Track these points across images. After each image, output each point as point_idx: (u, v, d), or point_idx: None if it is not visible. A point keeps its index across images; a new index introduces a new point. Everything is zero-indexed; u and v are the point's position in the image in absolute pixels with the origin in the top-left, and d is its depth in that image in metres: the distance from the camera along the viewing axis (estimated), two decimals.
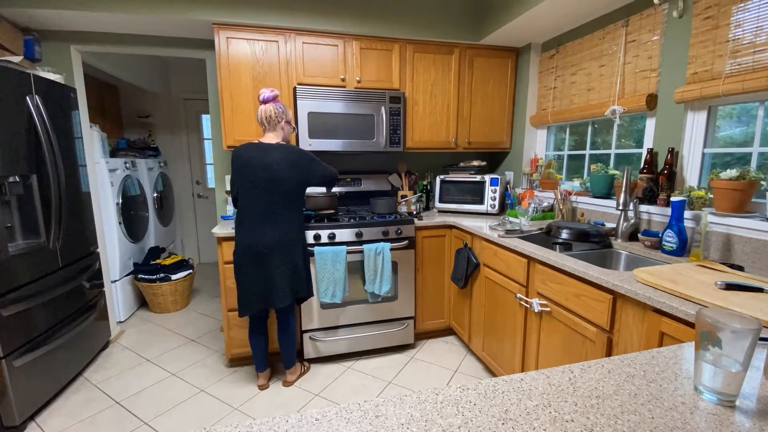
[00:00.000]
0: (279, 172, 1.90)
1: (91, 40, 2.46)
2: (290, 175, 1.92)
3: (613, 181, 2.12)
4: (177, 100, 4.37)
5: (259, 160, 1.89)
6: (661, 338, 1.16)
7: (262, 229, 1.91)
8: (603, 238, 1.87)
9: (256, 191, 1.90)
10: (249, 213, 1.91)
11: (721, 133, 1.68)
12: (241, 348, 2.32)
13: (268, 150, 1.92)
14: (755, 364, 0.74)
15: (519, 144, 2.89)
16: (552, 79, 2.60)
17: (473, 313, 2.38)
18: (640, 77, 1.95)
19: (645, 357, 0.78)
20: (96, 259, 2.54)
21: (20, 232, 1.87)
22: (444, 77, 2.73)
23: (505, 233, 2.09)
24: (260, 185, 1.89)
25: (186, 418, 1.93)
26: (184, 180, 4.55)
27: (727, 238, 1.52)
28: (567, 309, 1.58)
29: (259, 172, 1.89)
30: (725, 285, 1.12)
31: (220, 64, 2.32)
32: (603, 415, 0.60)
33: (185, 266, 3.36)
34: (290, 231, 1.96)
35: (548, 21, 2.32)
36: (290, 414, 0.59)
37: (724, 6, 1.54)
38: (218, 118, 2.70)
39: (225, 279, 2.23)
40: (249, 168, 1.89)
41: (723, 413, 0.60)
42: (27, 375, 1.86)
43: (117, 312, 3.01)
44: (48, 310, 2.03)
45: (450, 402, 0.63)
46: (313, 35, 2.43)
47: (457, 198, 2.81)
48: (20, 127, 1.88)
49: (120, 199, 3.02)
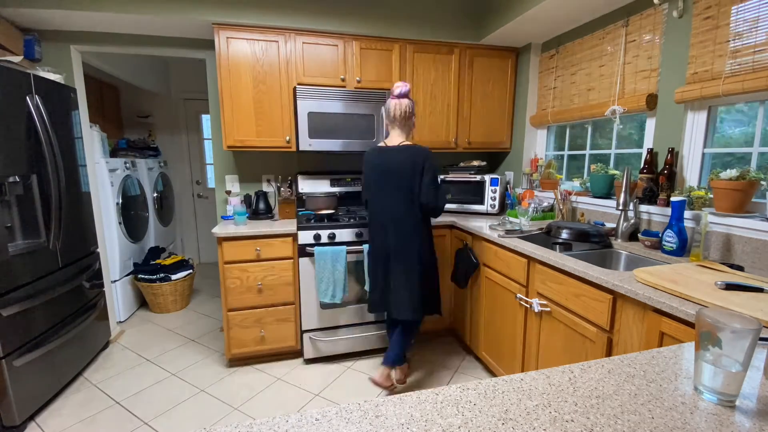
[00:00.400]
0: (404, 170, 1.88)
1: (91, 40, 2.46)
2: (416, 175, 1.89)
3: (613, 181, 2.12)
4: (177, 100, 4.37)
5: (390, 162, 1.90)
6: (661, 338, 1.16)
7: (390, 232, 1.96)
8: (603, 238, 1.87)
9: (383, 194, 1.95)
10: (377, 217, 1.97)
11: (720, 133, 1.68)
12: (241, 348, 2.32)
13: (398, 151, 1.91)
14: (755, 364, 0.74)
15: (519, 144, 2.89)
16: (552, 79, 2.60)
17: (473, 313, 2.38)
18: (640, 77, 1.95)
19: (645, 357, 0.78)
20: (96, 259, 2.54)
21: (20, 232, 1.87)
22: (444, 77, 2.73)
23: (505, 233, 2.09)
24: (387, 188, 1.93)
25: (186, 418, 1.93)
26: (184, 180, 4.55)
27: (727, 238, 1.52)
28: (567, 309, 1.58)
29: (387, 176, 1.92)
30: (725, 285, 1.12)
31: (220, 64, 2.32)
32: (603, 415, 0.60)
33: (185, 266, 3.36)
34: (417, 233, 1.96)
35: (548, 21, 2.32)
36: (290, 414, 0.59)
37: (724, 6, 1.54)
38: (218, 118, 2.70)
39: (225, 279, 2.23)
40: (377, 172, 1.93)
41: (723, 413, 0.60)
42: (27, 375, 1.86)
43: (117, 312, 3.01)
44: (48, 310, 2.03)
45: (450, 402, 0.63)
46: (313, 35, 2.43)
47: (457, 198, 2.81)
48: (20, 127, 1.88)
49: (120, 199, 3.02)
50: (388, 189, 1.92)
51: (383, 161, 1.92)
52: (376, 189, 1.95)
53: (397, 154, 1.90)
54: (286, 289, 2.33)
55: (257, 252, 2.25)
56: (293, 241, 2.30)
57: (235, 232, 2.19)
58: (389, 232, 1.94)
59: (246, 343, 2.32)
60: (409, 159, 1.87)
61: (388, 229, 1.94)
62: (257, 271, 2.27)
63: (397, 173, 1.89)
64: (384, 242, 1.96)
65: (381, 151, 1.95)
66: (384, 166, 1.91)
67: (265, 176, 2.84)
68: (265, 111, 2.43)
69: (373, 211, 1.99)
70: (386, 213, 1.93)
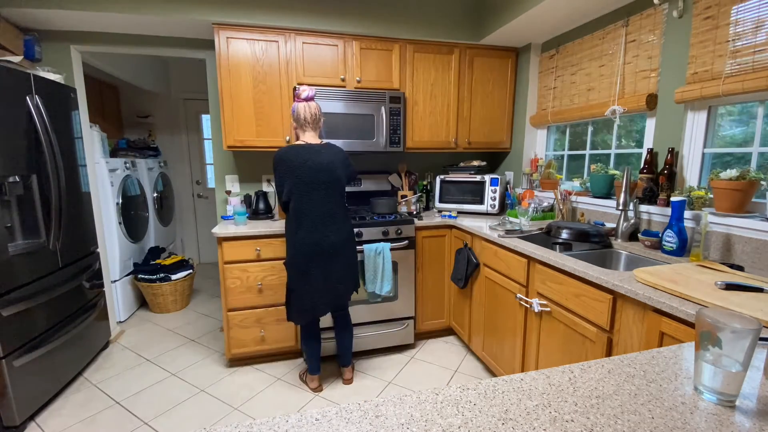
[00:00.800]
0: (335, 171, 1.93)
1: (91, 40, 2.46)
2: (342, 174, 1.97)
3: (613, 181, 2.12)
4: (177, 100, 4.37)
5: (315, 162, 1.90)
6: (661, 338, 1.16)
7: (325, 229, 1.92)
8: (603, 238, 1.87)
9: (316, 193, 1.90)
10: (309, 215, 1.90)
11: (720, 133, 1.68)
12: (241, 348, 2.32)
13: (321, 151, 1.93)
14: (755, 364, 0.74)
15: (519, 144, 2.89)
16: (552, 79, 2.60)
17: (473, 313, 2.38)
18: (640, 77, 1.95)
19: (645, 357, 0.78)
20: (96, 259, 2.54)
21: (20, 232, 1.87)
22: (444, 77, 2.73)
23: (505, 233, 2.09)
24: (320, 187, 1.90)
25: (186, 418, 1.93)
26: (184, 180, 4.55)
27: (727, 238, 1.52)
28: (567, 309, 1.58)
29: (316, 174, 1.89)
30: (725, 285, 1.12)
31: (220, 64, 2.32)
32: (603, 415, 0.60)
33: (185, 266, 3.36)
34: (348, 228, 2.01)
35: (548, 21, 2.32)
36: (290, 414, 0.59)
37: (724, 6, 1.54)
38: (218, 118, 2.70)
39: (225, 279, 2.23)
40: (304, 170, 1.88)
41: (723, 413, 0.60)
42: (27, 375, 1.86)
43: (117, 312, 3.01)
44: (48, 310, 2.03)
45: (450, 402, 0.63)
46: (313, 35, 2.43)
47: (457, 198, 2.81)
48: (20, 127, 1.88)
49: (120, 199, 3.02)
50: (320, 187, 1.90)
51: (310, 159, 1.89)
52: (306, 188, 1.89)
53: (324, 150, 1.93)
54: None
55: (257, 252, 2.25)
56: None
57: (235, 232, 2.19)
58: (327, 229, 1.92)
59: (246, 343, 2.32)
60: (337, 156, 1.95)
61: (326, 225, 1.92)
62: (257, 271, 2.27)
63: (327, 170, 1.91)
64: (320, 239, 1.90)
65: (301, 149, 1.90)
66: (313, 164, 1.88)
67: (265, 176, 2.84)
68: (265, 111, 2.43)
69: (302, 210, 1.89)
70: (320, 210, 1.90)
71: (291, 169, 1.88)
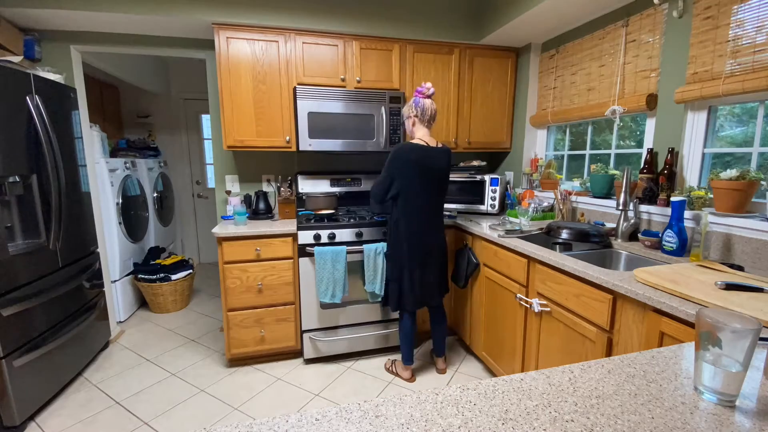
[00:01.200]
0: (447, 179, 2.06)
1: (91, 40, 2.46)
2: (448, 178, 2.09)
3: (613, 181, 2.12)
4: (177, 100, 4.37)
5: (437, 167, 1.99)
6: (661, 338, 1.16)
7: (431, 229, 2.05)
8: (603, 238, 1.87)
9: (427, 195, 1.99)
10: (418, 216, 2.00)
11: (720, 133, 1.68)
12: (241, 348, 2.32)
13: (440, 156, 2.00)
14: (755, 364, 0.74)
15: (519, 144, 2.89)
16: (552, 79, 2.60)
17: (473, 313, 2.38)
18: (640, 77, 1.95)
19: (645, 357, 0.78)
20: (96, 259, 2.54)
21: (20, 232, 1.87)
22: (444, 77, 2.73)
23: (505, 233, 2.09)
24: (434, 191, 2.00)
25: (186, 418, 1.93)
26: (184, 180, 4.55)
27: (727, 238, 1.52)
28: (567, 309, 1.58)
29: (435, 178, 1.99)
30: (725, 285, 1.12)
31: (220, 64, 2.32)
32: (603, 415, 0.60)
33: (185, 266, 3.36)
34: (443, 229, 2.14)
35: (548, 21, 2.32)
36: (290, 414, 0.59)
37: (724, 6, 1.54)
38: (218, 118, 2.70)
39: (225, 279, 2.23)
40: (425, 171, 1.95)
41: (723, 413, 0.60)
42: (27, 375, 1.86)
43: (117, 312, 3.02)
44: (48, 310, 2.03)
45: (450, 402, 0.63)
46: (313, 35, 2.43)
47: (457, 198, 2.81)
48: (20, 127, 1.88)
49: (120, 199, 3.02)
50: (431, 187, 1.99)
51: (435, 165, 1.98)
52: (419, 187, 1.97)
53: (441, 155, 2.00)
54: (286, 289, 2.33)
55: (257, 252, 2.25)
56: (293, 241, 2.30)
57: (235, 232, 2.19)
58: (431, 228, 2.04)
59: (246, 343, 2.32)
60: (448, 161, 2.04)
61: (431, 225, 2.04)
62: (257, 271, 2.27)
63: (440, 172, 2.00)
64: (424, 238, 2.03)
65: (423, 150, 1.96)
66: (429, 165, 1.96)
67: (265, 176, 2.84)
68: (265, 111, 2.43)
69: (410, 207, 1.98)
70: (427, 210, 2.01)
71: (413, 168, 1.94)
